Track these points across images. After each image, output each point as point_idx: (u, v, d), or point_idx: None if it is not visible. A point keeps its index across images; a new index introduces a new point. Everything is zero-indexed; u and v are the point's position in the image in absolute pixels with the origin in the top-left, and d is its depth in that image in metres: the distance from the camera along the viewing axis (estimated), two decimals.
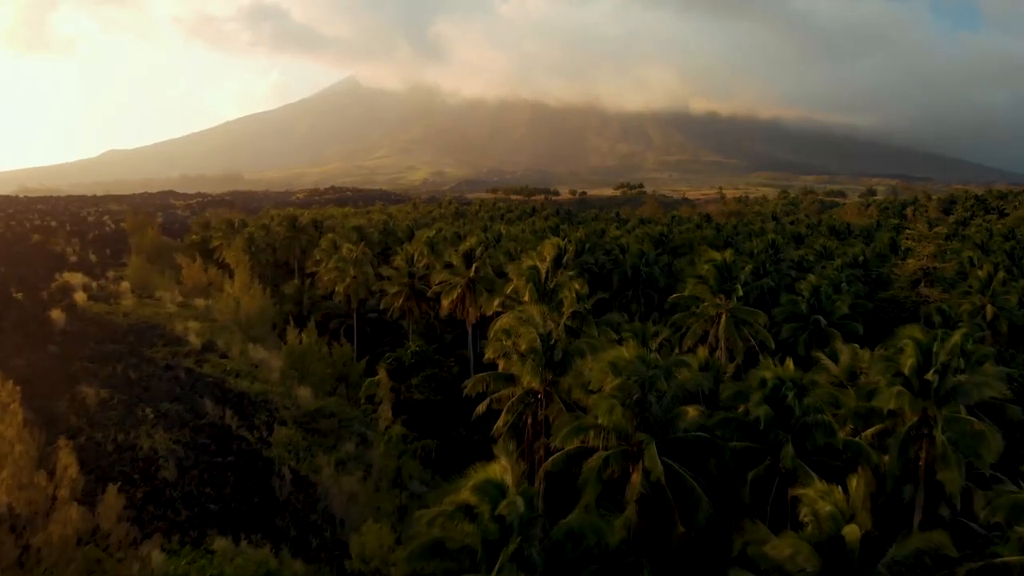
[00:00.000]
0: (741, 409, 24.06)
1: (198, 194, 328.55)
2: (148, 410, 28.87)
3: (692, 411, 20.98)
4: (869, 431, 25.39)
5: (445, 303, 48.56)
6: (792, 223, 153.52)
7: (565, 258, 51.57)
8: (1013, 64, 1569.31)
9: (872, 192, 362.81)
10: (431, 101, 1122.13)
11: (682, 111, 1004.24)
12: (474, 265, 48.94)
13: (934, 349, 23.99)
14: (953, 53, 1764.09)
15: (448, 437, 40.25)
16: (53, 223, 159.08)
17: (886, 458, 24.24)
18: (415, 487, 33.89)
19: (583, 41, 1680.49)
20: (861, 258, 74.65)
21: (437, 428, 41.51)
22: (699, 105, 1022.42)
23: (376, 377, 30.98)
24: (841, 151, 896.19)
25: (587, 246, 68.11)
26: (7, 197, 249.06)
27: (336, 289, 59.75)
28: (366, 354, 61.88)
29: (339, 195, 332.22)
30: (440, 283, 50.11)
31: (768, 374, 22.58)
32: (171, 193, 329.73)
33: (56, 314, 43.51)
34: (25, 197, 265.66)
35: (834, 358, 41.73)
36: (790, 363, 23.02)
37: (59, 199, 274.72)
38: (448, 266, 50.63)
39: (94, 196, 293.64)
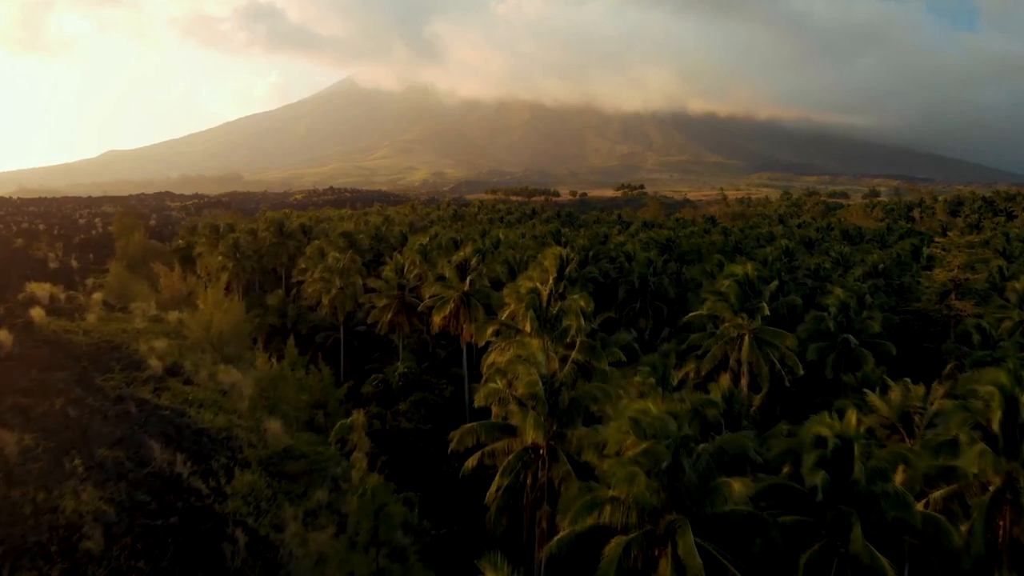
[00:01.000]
0: (786, 470, 19.77)
1: (195, 195, 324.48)
2: (78, 461, 24.47)
3: (737, 485, 16.59)
4: (937, 493, 21.06)
5: (436, 319, 44.21)
6: (800, 226, 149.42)
7: (568, 269, 47.25)
8: (1012, 64, 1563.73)
9: (875, 193, 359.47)
10: (431, 101, 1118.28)
11: (680, 111, 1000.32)
12: (468, 277, 44.56)
13: (1021, 399, 19.65)
14: (951, 53, 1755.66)
15: (439, 473, 35.93)
16: (41, 226, 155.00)
17: (963, 528, 19.86)
18: (398, 539, 29.56)
19: (579, 42, 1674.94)
20: (881, 266, 70.27)
21: (426, 462, 37.20)
22: (696, 105, 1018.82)
23: (349, 419, 26.51)
24: (841, 151, 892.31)
25: (591, 254, 63.79)
26: (1, 198, 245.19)
27: (322, 301, 55.40)
28: (354, 370, 57.64)
29: (337, 196, 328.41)
30: (432, 297, 45.74)
31: (825, 431, 18.24)
32: (167, 194, 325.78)
33: (3, 335, 39.24)
34: (18, 199, 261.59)
35: (867, 383, 37.46)
36: (852, 417, 18.63)
37: (53, 200, 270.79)
38: (440, 278, 46.29)
39: (89, 197, 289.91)
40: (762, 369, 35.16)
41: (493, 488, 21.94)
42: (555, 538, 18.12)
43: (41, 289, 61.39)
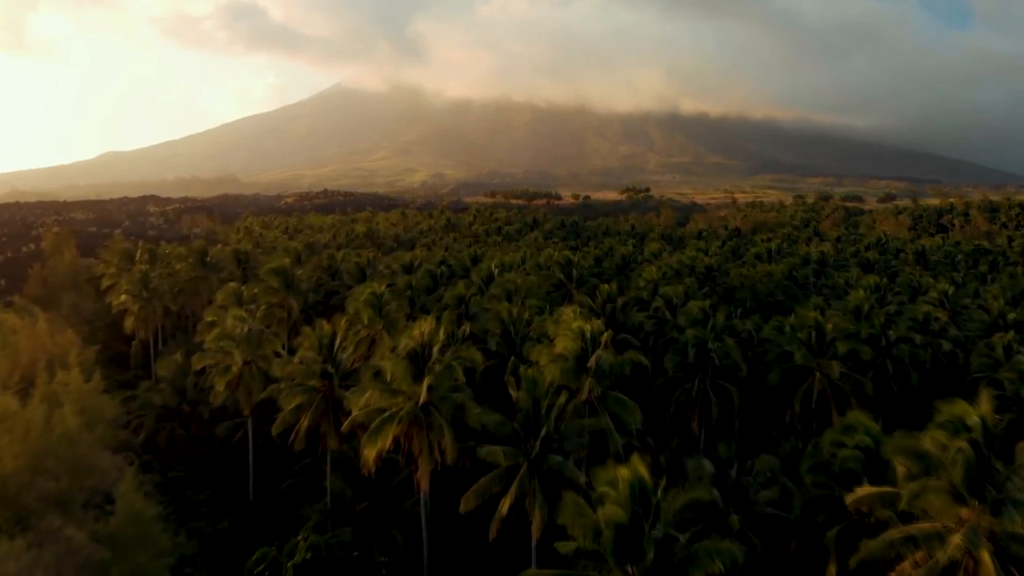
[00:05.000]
0: None
1: (182, 199, 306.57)
2: None
3: None
4: None
5: (370, 455, 25.32)
6: (839, 240, 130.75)
7: (594, 358, 28.44)
8: (1008, 64, 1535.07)
9: (890, 196, 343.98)
10: (425, 102, 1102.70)
11: (673, 111, 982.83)
12: (427, 380, 25.67)
13: None
14: (946, 52, 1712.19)
15: None
16: None
17: None
18: None
19: (568, 42, 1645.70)
20: (1011, 315, 51.23)
21: None
22: (689, 106, 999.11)
23: None
24: (842, 152, 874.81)
25: (619, 304, 44.91)
26: None
27: (215, 387, 36.58)
28: (269, 484, 39.00)
29: (330, 200, 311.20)
30: (365, 409, 26.80)
31: None
32: (152, 198, 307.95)
33: None
34: None
35: None
36: None
37: (21, 205, 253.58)
38: (377, 375, 27.37)
39: (64, 202, 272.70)
40: None
41: None
42: None
43: None
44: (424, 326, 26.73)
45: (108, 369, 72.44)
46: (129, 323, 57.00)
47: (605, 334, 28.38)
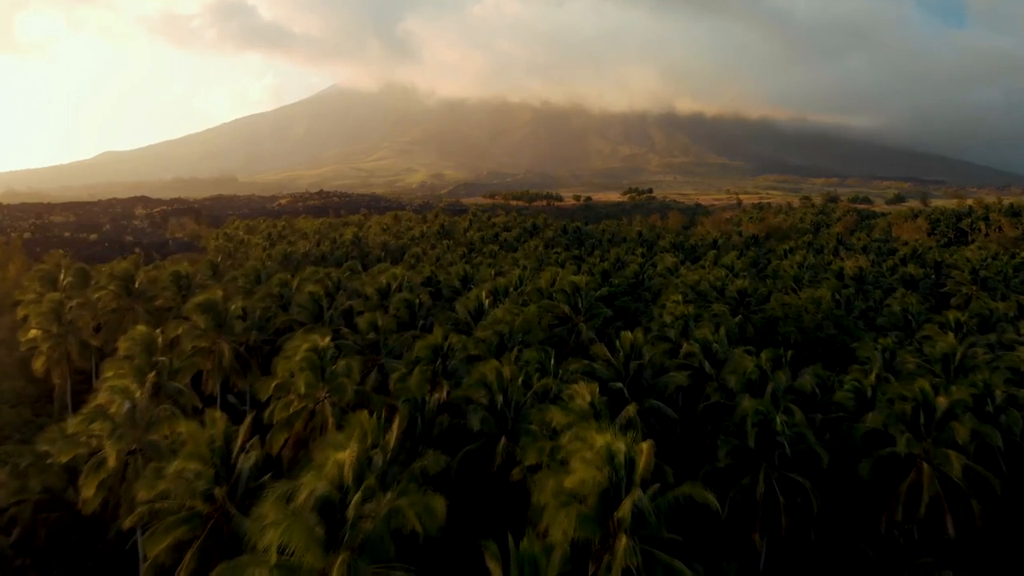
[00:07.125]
0: None
1: (174, 200, 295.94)
2: None
3: None
4: None
5: None
6: (865, 249, 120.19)
7: (627, 504, 17.67)
8: (1004, 63, 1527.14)
9: (900, 199, 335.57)
10: (422, 102, 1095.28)
11: (668, 111, 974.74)
12: (341, 556, 14.87)
13: None
14: (943, 51, 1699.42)
15: None
16: None
17: None
18: None
19: (560, 42, 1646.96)
20: None
21: None
22: (684, 105, 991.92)
23: None
24: (843, 152, 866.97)
25: (648, 358, 34.06)
26: None
27: (83, 492, 25.87)
28: None
29: (325, 201, 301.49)
30: None
31: None
32: (142, 199, 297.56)
33: None
34: None
35: None
36: None
37: (2, 207, 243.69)
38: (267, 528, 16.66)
39: (48, 204, 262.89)
40: None
41: None
42: None
43: None
44: (345, 453, 15.97)
45: (36, 408, 61.77)
46: (39, 364, 46.25)
47: (644, 452, 17.61)
